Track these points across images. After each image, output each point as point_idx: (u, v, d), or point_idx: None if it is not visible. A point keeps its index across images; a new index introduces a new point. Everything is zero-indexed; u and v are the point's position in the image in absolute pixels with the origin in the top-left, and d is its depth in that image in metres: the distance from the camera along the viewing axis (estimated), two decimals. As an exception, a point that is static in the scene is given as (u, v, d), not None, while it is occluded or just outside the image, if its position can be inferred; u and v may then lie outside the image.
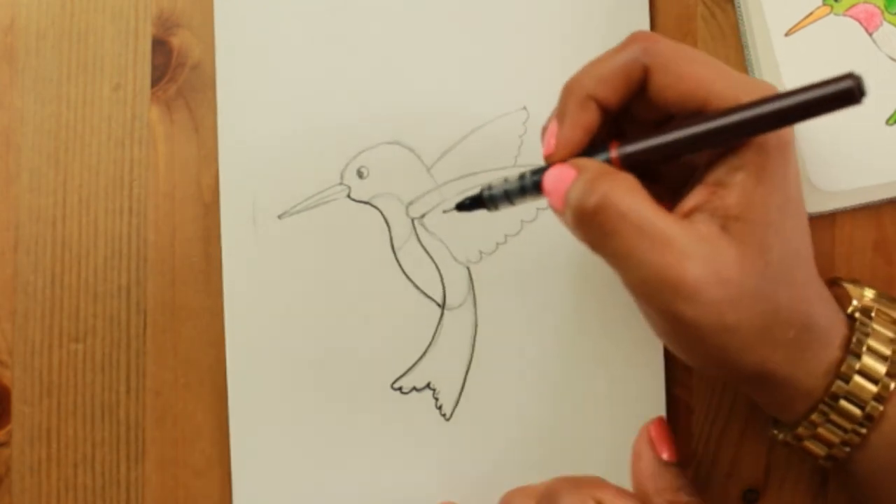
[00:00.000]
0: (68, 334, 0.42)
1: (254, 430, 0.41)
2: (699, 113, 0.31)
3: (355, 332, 0.41)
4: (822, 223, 0.41)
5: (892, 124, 0.39)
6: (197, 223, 0.42)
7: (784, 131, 0.31)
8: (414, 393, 0.41)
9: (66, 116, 0.43)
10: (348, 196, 0.41)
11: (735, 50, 0.41)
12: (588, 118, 0.33)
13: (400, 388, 0.41)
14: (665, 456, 0.37)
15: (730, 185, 0.31)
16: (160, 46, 0.42)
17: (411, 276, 0.41)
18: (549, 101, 0.35)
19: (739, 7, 0.41)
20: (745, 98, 0.30)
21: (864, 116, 0.39)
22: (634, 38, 0.33)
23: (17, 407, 0.42)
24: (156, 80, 0.42)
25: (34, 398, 0.42)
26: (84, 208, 0.42)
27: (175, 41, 0.42)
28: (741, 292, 0.31)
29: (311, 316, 0.41)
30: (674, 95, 0.32)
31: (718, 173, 0.32)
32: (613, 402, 0.40)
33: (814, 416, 0.33)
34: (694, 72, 0.32)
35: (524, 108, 0.41)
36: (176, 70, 0.42)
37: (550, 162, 0.34)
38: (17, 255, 0.42)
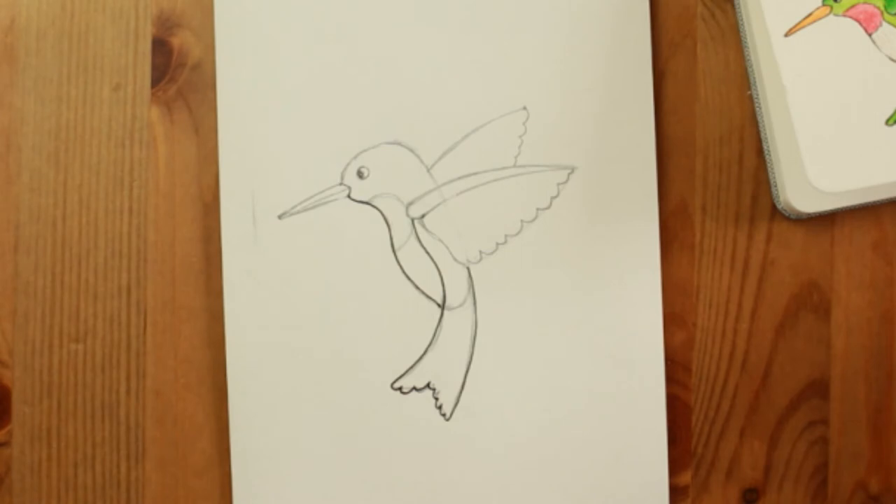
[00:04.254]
0: (68, 334, 0.42)
1: (254, 430, 0.41)
2: None
3: (355, 332, 0.41)
4: (822, 223, 0.41)
5: (891, 124, 0.39)
6: (197, 223, 0.42)
7: None
8: (414, 393, 0.41)
9: (66, 116, 0.43)
10: (348, 196, 0.41)
11: (735, 50, 0.41)
12: None
13: (400, 388, 0.41)
14: None
15: None
16: (160, 46, 0.42)
17: (411, 277, 0.41)
18: (549, 101, 0.35)
19: (739, 7, 0.41)
20: None
21: (864, 117, 0.39)
22: None
23: (17, 407, 0.42)
24: (156, 80, 0.42)
25: (34, 398, 0.42)
26: (84, 208, 0.42)
27: (175, 41, 0.42)
28: None
29: (310, 316, 0.41)
30: None
31: None
32: (613, 401, 0.40)
33: None
34: None
35: (524, 108, 0.41)
36: (176, 70, 0.42)
37: None
38: (17, 255, 0.42)
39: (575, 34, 0.41)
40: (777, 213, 0.41)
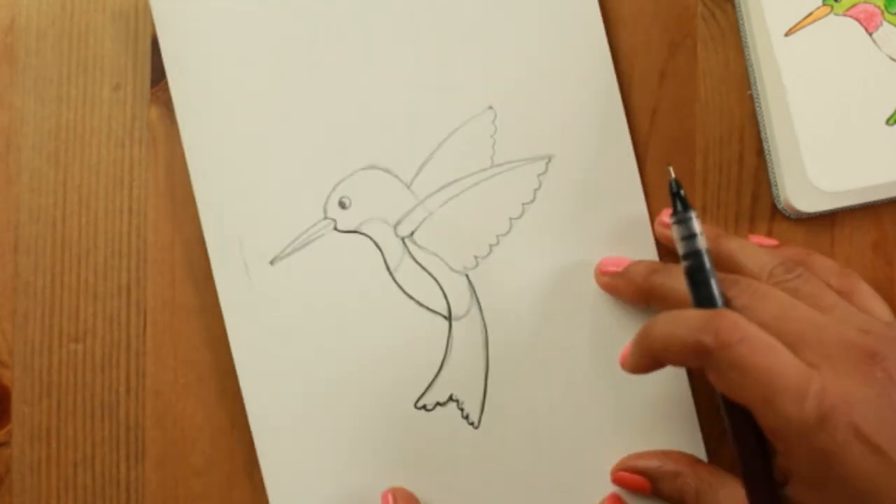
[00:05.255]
0: (68, 334, 0.42)
1: (288, 467, 0.40)
2: None
3: (370, 361, 0.41)
4: (822, 223, 0.41)
5: (892, 124, 0.39)
6: (197, 223, 0.42)
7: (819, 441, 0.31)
8: (438, 408, 0.41)
9: (66, 116, 0.43)
10: (335, 229, 0.41)
11: (735, 50, 0.41)
12: (652, 367, 0.36)
13: (424, 407, 0.41)
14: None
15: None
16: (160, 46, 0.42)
17: (413, 294, 0.41)
18: (513, 97, 0.35)
19: (739, 7, 0.41)
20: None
21: (864, 117, 0.39)
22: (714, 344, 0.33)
23: (17, 407, 0.42)
24: (156, 80, 0.42)
25: (34, 398, 0.42)
26: (84, 208, 0.42)
27: (175, 41, 0.42)
28: None
29: (322, 353, 0.41)
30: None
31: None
32: (633, 377, 0.40)
33: None
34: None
35: (490, 107, 0.41)
36: (176, 70, 0.42)
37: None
38: (17, 255, 0.42)
39: (526, 25, 0.41)
40: (777, 213, 0.41)
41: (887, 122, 0.39)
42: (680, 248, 0.36)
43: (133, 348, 0.42)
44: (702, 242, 0.35)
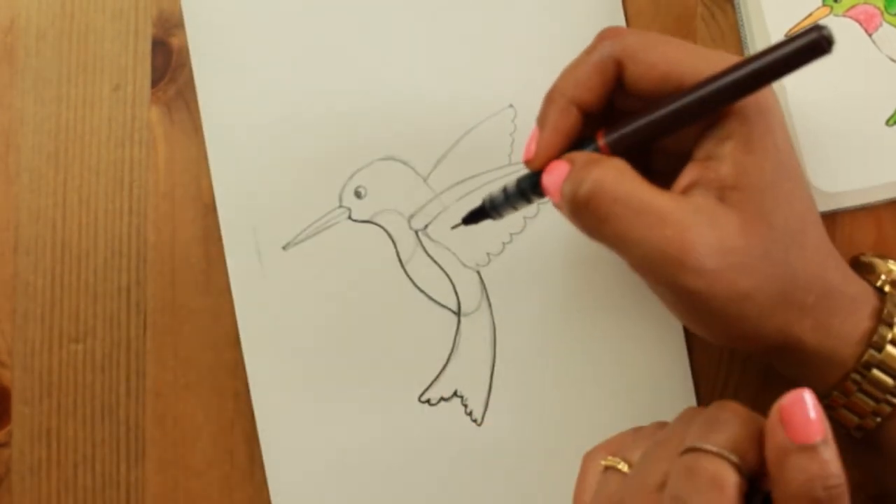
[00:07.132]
0: (68, 334, 0.42)
1: (288, 460, 0.41)
2: (677, 91, 0.32)
3: (376, 352, 0.41)
4: (822, 223, 0.41)
5: (892, 125, 0.40)
6: (197, 223, 0.42)
7: (763, 98, 0.31)
8: (442, 403, 0.41)
9: (66, 116, 0.43)
10: (349, 218, 0.41)
11: (735, 50, 0.41)
12: (568, 122, 0.33)
13: (428, 401, 0.41)
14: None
15: (720, 157, 0.31)
16: (160, 47, 0.42)
17: (423, 288, 0.41)
18: (534, 96, 0.35)
19: (739, 7, 0.41)
20: (717, 70, 0.31)
21: (864, 117, 0.39)
22: (602, 36, 0.33)
23: (17, 407, 0.42)
24: (156, 80, 0.42)
25: (34, 398, 0.42)
26: (84, 208, 0.42)
27: (175, 41, 0.42)
28: (750, 258, 0.31)
29: (329, 341, 0.41)
30: (649, 83, 0.32)
31: (707, 147, 0.32)
32: (638, 383, 0.40)
33: (846, 385, 0.33)
34: (663, 56, 0.32)
35: (511, 105, 0.41)
36: (176, 70, 0.42)
37: (530, 167, 0.34)
38: (17, 255, 0.42)
39: (549, 24, 0.41)
40: (777, 214, 0.41)
41: (887, 122, 0.40)
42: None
43: (133, 349, 0.42)
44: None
